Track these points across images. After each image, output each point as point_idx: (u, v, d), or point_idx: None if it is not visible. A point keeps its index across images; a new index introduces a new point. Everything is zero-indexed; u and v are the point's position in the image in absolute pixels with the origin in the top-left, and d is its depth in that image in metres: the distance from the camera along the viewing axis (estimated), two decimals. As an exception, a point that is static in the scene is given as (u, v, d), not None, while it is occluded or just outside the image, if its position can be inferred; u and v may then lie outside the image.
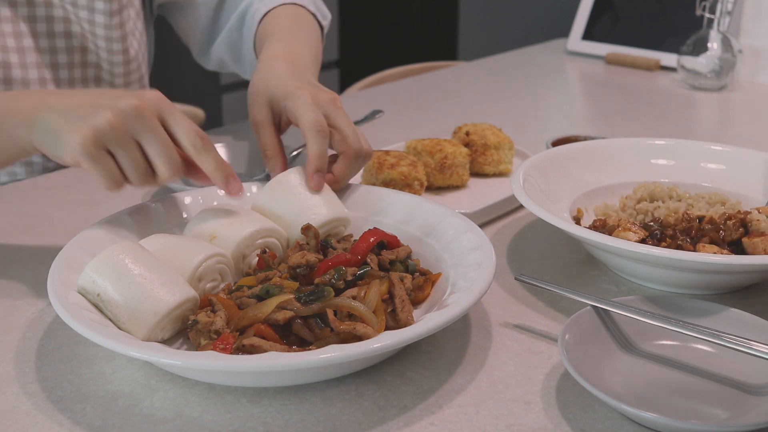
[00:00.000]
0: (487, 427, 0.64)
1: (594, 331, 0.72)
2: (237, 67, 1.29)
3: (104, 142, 0.76)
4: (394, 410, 0.66)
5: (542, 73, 1.84)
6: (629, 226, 0.86)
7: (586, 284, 0.86)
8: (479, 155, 1.11)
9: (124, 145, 0.77)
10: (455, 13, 3.75)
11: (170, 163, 0.78)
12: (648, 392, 0.67)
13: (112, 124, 0.76)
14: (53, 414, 0.66)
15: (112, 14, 1.14)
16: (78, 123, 0.76)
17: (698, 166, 1.03)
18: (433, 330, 0.66)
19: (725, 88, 1.66)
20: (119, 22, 1.16)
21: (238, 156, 1.15)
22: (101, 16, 1.14)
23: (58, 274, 0.73)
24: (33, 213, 1.04)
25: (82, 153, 0.76)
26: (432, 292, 0.79)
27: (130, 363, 0.72)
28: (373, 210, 0.89)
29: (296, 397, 0.67)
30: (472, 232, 0.80)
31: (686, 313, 0.74)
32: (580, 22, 1.95)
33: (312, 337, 0.70)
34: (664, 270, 0.81)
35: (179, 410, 0.66)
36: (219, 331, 0.69)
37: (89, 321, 0.67)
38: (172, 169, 0.78)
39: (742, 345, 0.67)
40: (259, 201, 0.87)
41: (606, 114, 1.55)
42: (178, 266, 0.75)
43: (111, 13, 1.14)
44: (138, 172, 0.78)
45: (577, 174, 1.00)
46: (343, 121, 0.88)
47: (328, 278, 0.73)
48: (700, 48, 1.64)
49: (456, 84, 1.75)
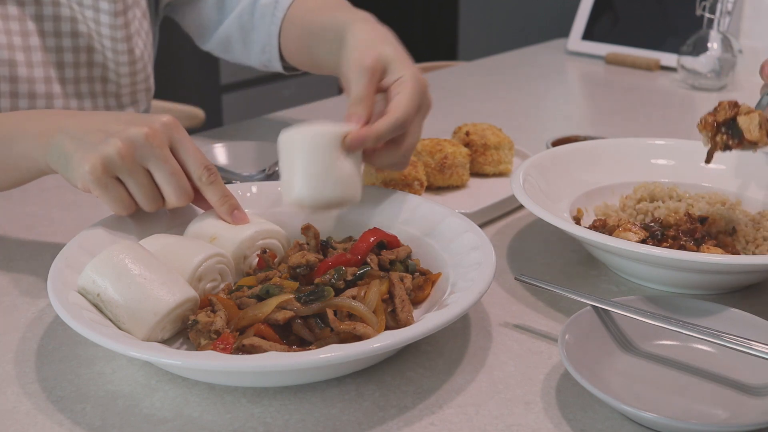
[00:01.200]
0: (487, 427, 0.64)
1: (594, 331, 0.72)
2: (243, 50, 1.25)
3: (113, 170, 0.78)
4: (394, 410, 0.66)
5: (542, 73, 1.84)
6: (629, 227, 0.86)
7: (586, 284, 0.86)
8: (479, 155, 1.11)
9: (133, 174, 0.78)
10: (455, 13, 3.75)
11: (179, 191, 0.80)
12: (648, 392, 0.67)
13: (121, 152, 0.77)
14: (53, 414, 0.66)
15: (116, 14, 1.15)
16: (89, 150, 0.78)
17: (698, 166, 1.03)
18: (433, 330, 0.66)
19: (725, 88, 1.66)
20: (124, 22, 1.16)
21: (238, 156, 1.15)
22: (106, 16, 1.14)
23: (58, 274, 0.73)
24: (33, 213, 1.04)
25: (92, 181, 0.77)
26: (432, 292, 0.79)
27: (130, 363, 0.72)
28: (374, 210, 0.89)
29: (296, 397, 0.67)
30: (472, 232, 0.80)
31: (686, 313, 0.74)
32: (580, 22, 1.95)
33: (312, 337, 0.70)
34: (664, 270, 0.81)
35: (179, 410, 0.66)
36: (219, 331, 0.69)
37: (89, 321, 0.67)
38: (181, 198, 0.80)
39: (742, 345, 0.67)
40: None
41: (606, 114, 1.55)
42: (178, 266, 0.75)
43: (115, 13, 1.14)
44: (147, 198, 0.80)
45: (577, 174, 1.00)
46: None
47: (328, 278, 0.73)
48: (700, 48, 1.64)
49: (456, 84, 1.75)
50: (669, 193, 0.98)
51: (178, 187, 0.80)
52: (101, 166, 0.77)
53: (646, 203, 0.96)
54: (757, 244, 0.88)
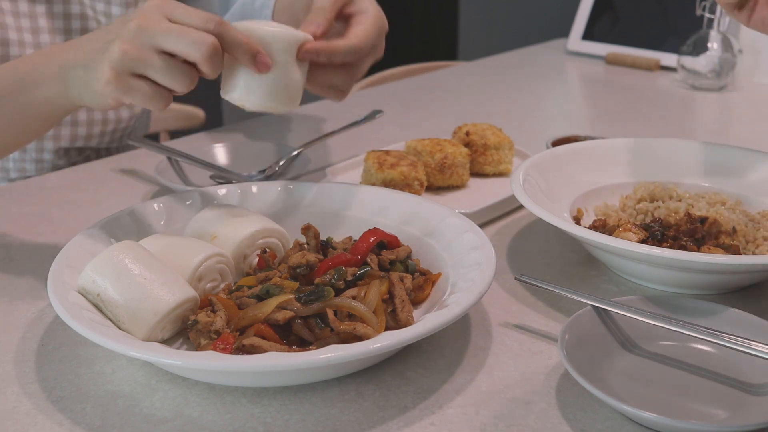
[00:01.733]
0: (487, 427, 0.64)
1: (594, 331, 0.72)
2: None
3: (128, 69, 0.76)
4: (394, 410, 0.66)
5: (542, 73, 1.84)
6: (630, 227, 0.86)
7: (586, 284, 0.86)
8: (479, 155, 1.11)
9: (147, 61, 0.75)
10: (455, 13, 3.75)
11: (198, 43, 0.75)
12: (648, 392, 0.67)
13: (124, 49, 0.75)
14: (53, 414, 0.66)
15: (128, 5, 1.15)
16: (100, 68, 0.77)
17: (698, 166, 1.03)
18: (433, 330, 0.66)
19: (725, 88, 1.66)
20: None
21: (238, 156, 1.15)
22: (118, 8, 1.14)
23: (58, 274, 0.73)
24: (33, 213, 1.04)
25: (114, 90, 0.76)
26: (432, 292, 0.79)
27: (130, 363, 0.72)
28: (373, 210, 0.89)
29: (296, 397, 0.67)
30: (472, 232, 0.80)
31: (686, 313, 0.74)
32: (580, 22, 1.95)
33: (312, 337, 0.70)
34: (664, 270, 0.81)
35: (179, 410, 0.66)
36: (219, 331, 0.69)
37: (89, 321, 0.67)
38: (206, 49, 0.75)
39: (742, 345, 0.67)
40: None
41: (606, 114, 1.55)
42: (178, 266, 0.75)
43: (127, 4, 1.15)
44: (175, 77, 0.76)
45: (577, 174, 1.00)
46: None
47: (328, 278, 0.73)
48: (700, 48, 1.64)
49: (456, 84, 1.75)
50: (669, 193, 0.98)
51: (193, 40, 0.75)
52: (113, 73, 0.76)
53: (646, 203, 0.96)
54: (757, 244, 0.88)
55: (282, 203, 0.91)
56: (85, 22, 1.15)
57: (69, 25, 1.14)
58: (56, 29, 1.13)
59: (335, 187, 0.93)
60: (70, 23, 1.14)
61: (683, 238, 0.85)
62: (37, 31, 1.12)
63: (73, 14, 1.14)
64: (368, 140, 1.27)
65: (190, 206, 0.89)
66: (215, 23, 0.76)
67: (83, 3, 1.13)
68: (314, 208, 0.91)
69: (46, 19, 1.12)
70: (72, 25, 1.14)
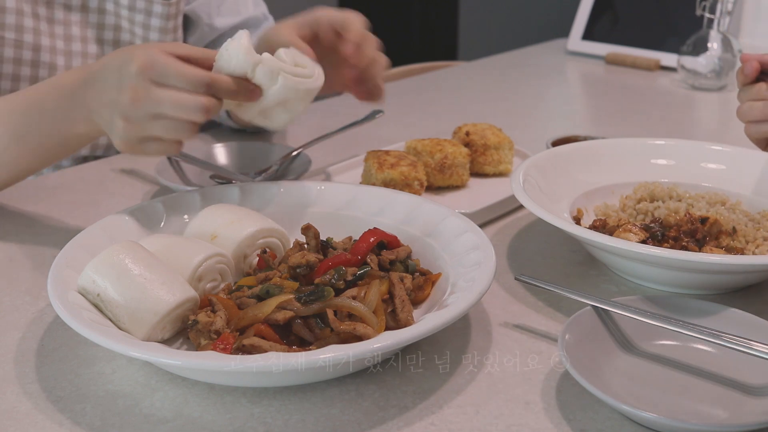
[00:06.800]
0: (487, 427, 0.64)
1: (594, 331, 0.72)
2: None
3: (135, 139, 0.81)
4: (394, 410, 0.66)
5: (542, 73, 1.84)
6: (630, 227, 0.86)
7: (586, 284, 0.86)
8: (479, 155, 1.11)
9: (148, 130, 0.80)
10: (455, 13, 3.75)
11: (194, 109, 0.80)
12: (648, 392, 0.67)
13: (125, 126, 0.80)
14: (53, 414, 0.66)
15: (168, 17, 1.16)
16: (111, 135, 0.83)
17: (698, 166, 1.03)
18: (433, 330, 0.66)
19: (725, 88, 1.66)
20: (174, 26, 1.17)
21: (238, 156, 1.15)
22: (157, 21, 1.15)
23: (58, 274, 0.73)
24: (33, 213, 1.04)
25: (132, 153, 0.83)
26: (432, 292, 0.79)
27: (130, 363, 0.72)
28: (373, 210, 0.89)
29: (296, 397, 0.67)
30: (472, 232, 0.80)
31: (686, 313, 0.74)
32: (580, 22, 1.95)
33: (312, 337, 0.70)
34: (664, 270, 0.81)
35: (179, 410, 0.66)
36: (219, 331, 0.69)
37: (89, 321, 0.67)
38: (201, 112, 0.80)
39: (742, 345, 0.67)
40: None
41: (606, 114, 1.55)
42: (178, 266, 0.75)
43: (168, 16, 1.16)
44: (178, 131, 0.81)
45: (577, 174, 1.00)
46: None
47: (328, 278, 0.73)
48: (700, 48, 1.64)
49: (456, 84, 1.75)
50: (669, 193, 0.98)
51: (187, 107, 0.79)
52: (122, 142, 0.82)
53: (646, 203, 0.96)
54: (757, 244, 0.88)
55: (282, 203, 0.91)
56: (118, 34, 1.15)
57: (102, 35, 1.15)
58: (89, 38, 1.14)
59: (335, 187, 0.93)
60: (103, 33, 1.15)
61: (684, 239, 0.85)
62: (70, 38, 1.13)
63: (107, 25, 1.15)
64: (368, 140, 1.27)
65: (190, 206, 0.89)
66: (205, 85, 0.80)
67: (119, 15, 1.14)
68: (314, 208, 0.91)
69: (80, 28, 1.13)
70: (104, 36, 1.15)
